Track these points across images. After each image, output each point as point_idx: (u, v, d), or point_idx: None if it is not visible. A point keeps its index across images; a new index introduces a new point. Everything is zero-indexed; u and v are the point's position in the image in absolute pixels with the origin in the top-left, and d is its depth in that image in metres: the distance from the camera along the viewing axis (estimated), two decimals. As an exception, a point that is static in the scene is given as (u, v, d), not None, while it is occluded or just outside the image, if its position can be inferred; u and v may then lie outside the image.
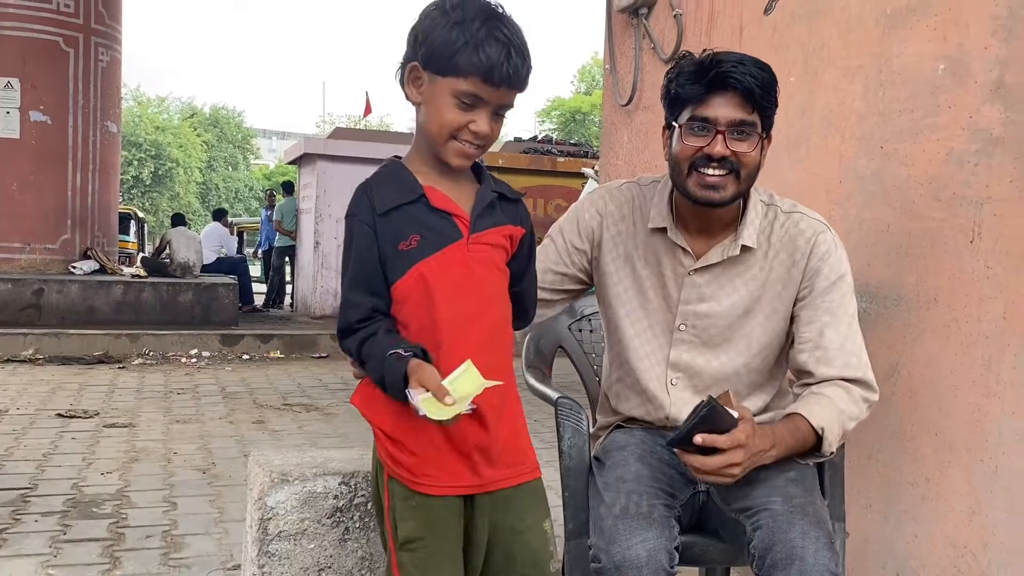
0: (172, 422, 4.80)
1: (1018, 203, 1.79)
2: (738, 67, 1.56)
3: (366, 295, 1.37)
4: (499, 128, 1.37)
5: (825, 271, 1.67)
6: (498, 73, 1.30)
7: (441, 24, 1.32)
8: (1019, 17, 1.80)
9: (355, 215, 1.38)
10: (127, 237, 16.62)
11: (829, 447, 1.57)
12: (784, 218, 1.72)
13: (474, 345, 1.35)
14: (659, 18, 3.10)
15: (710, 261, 1.70)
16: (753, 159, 1.62)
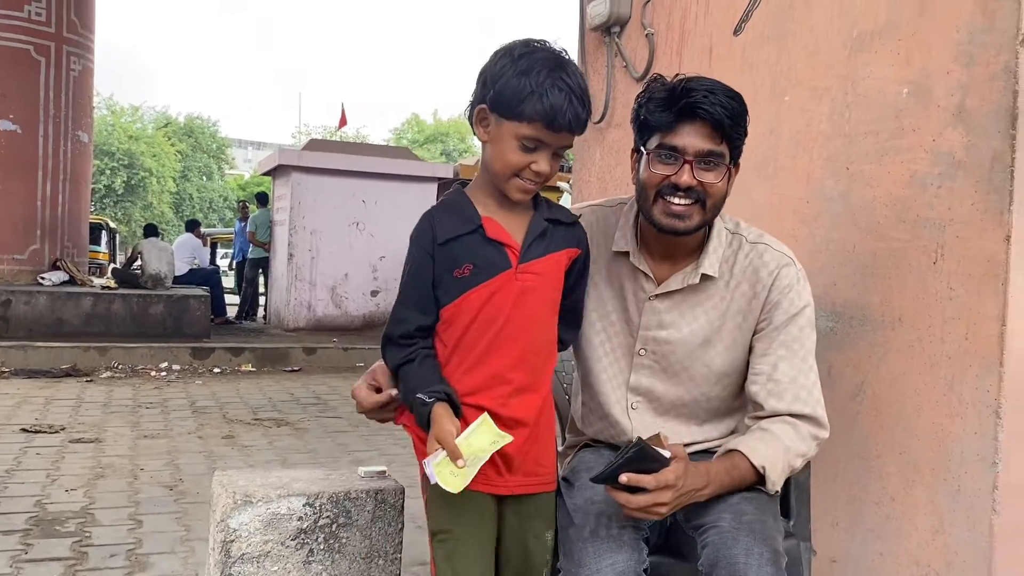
0: (140, 437, 4.74)
1: (979, 226, 1.81)
2: (708, 97, 1.55)
3: (414, 311, 1.52)
4: (558, 166, 1.51)
5: (785, 304, 1.66)
6: (560, 119, 1.42)
7: (509, 71, 1.44)
8: (980, 43, 1.83)
9: (418, 242, 1.53)
10: (98, 248, 16.43)
11: (773, 486, 1.58)
12: (749, 248, 1.71)
13: (508, 364, 1.50)
14: (631, 37, 3.12)
15: (670, 288, 1.69)
16: (720, 189, 1.62)
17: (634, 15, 3.09)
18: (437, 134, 42.24)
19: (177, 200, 40.43)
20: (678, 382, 1.71)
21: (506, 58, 1.47)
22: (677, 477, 1.44)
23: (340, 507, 1.69)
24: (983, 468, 1.80)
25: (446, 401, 1.45)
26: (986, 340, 1.80)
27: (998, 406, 1.78)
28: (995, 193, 1.79)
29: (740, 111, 1.60)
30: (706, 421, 1.74)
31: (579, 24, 3.44)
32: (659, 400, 1.73)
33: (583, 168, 3.49)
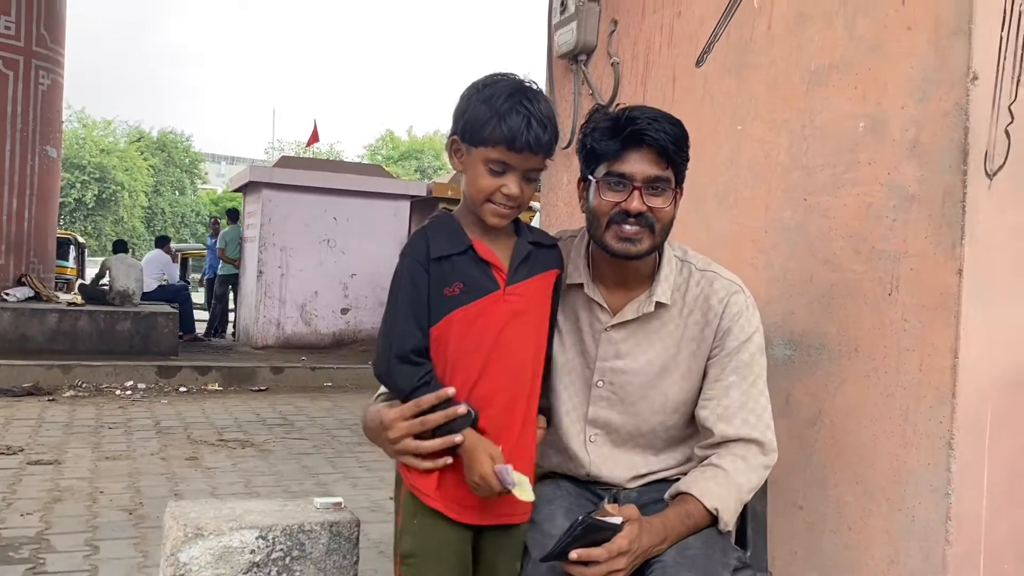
0: (101, 459, 4.66)
1: (932, 259, 1.84)
2: (652, 124, 1.59)
3: (414, 326, 1.53)
4: (531, 190, 1.56)
5: (735, 331, 1.69)
6: (520, 141, 1.47)
7: (475, 100, 1.52)
8: (932, 80, 1.86)
9: (413, 256, 1.55)
10: (66, 263, 16.22)
11: (726, 525, 1.59)
12: (699, 276, 1.73)
13: (496, 386, 1.53)
14: (597, 65, 3.15)
15: (626, 317, 1.71)
16: (668, 214, 1.65)
17: (600, 44, 3.12)
18: (412, 151, 42.24)
19: (149, 214, 40.07)
20: (635, 412, 1.72)
21: (472, 90, 1.54)
22: (631, 542, 1.45)
23: (294, 540, 1.67)
24: (936, 499, 1.82)
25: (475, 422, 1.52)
26: (939, 371, 1.82)
27: (951, 437, 1.80)
28: (947, 226, 1.82)
29: (682, 136, 1.63)
30: (662, 450, 1.75)
31: (547, 51, 3.46)
32: (617, 432, 1.73)
33: (551, 192, 3.51)
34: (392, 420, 1.52)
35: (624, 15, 2.98)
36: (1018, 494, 1.89)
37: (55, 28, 9.58)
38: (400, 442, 1.52)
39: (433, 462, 1.51)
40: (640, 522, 1.48)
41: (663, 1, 2.76)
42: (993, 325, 1.83)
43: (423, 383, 1.52)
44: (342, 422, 6.27)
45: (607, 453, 1.72)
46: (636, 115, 1.61)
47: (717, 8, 2.50)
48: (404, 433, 1.51)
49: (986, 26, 1.81)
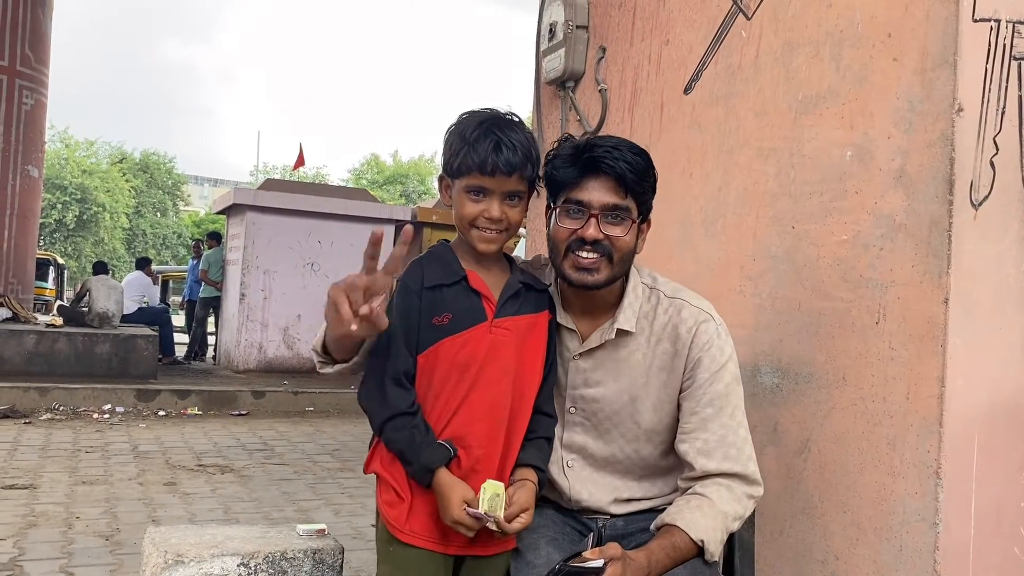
0: (77, 483, 4.57)
1: (919, 287, 1.85)
2: (611, 152, 1.60)
3: (404, 350, 1.56)
4: (515, 213, 1.59)
5: (706, 362, 1.66)
6: (490, 164, 1.53)
7: (451, 135, 1.60)
8: (918, 111, 1.88)
9: (408, 283, 1.59)
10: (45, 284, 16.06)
11: (712, 556, 1.57)
12: (667, 303, 1.71)
13: (478, 415, 1.55)
14: (585, 92, 3.17)
15: (591, 345, 1.70)
16: (626, 243, 1.63)
17: (588, 71, 3.14)
18: (397, 175, 42.26)
19: (130, 236, 39.80)
20: (609, 439, 1.71)
21: (451, 126, 1.62)
22: None
23: (276, 567, 1.64)
24: (924, 528, 1.81)
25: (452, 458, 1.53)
26: (926, 401, 1.82)
27: (938, 466, 1.80)
28: (934, 256, 1.83)
29: (644, 167, 1.63)
30: (643, 477, 1.73)
31: (535, 77, 3.48)
32: (593, 456, 1.72)
33: (537, 218, 3.51)
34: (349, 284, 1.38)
35: (612, 42, 3.00)
36: (1006, 524, 1.88)
37: (39, 48, 9.55)
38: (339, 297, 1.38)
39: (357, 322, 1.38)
40: (623, 560, 1.45)
41: (651, 29, 2.79)
42: (979, 354, 1.84)
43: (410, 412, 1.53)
44: (324, 447, 6.20)
45: (586, 476, 1.71)
46: (596, 143, 1.62)
47: (705, 37, 2.52)
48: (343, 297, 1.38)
49: (971, 58, 1.83)
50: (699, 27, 2.56)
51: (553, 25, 3.22)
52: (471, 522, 1.48)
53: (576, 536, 1.69)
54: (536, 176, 1.63)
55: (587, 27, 3.14)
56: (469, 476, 1.54)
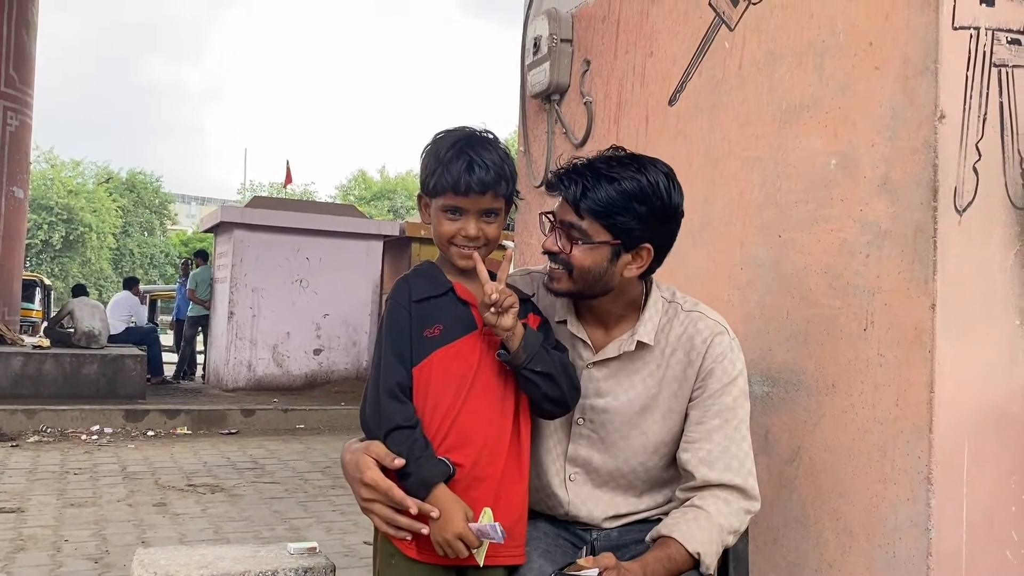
0: (66, 506, 4.53)
1: (905, 294, 1.86)
2: (567, 175, 1.64)
3: (398, 363, 1.56)
4: (492, 229, 1.62)
5: (718, 373, 1.68)
6: (464, 184, 1.55)
7: (427, 156, 1.63)
8: (901, 119, 1.89)
9: (396, 300, 1.62)
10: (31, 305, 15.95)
11: (707, 569, 1.57)
12: (684, 316, 1.74)
13: (477, 422, 1.55)
14: (570, 105, 3.17)
15: (607, 355, 1.71)
16: (581, 261, 1.64)
17: (573, 84, 3.15)
18: (384, 191, 42.27)
19: (117, 256, 39.63)
20: (616, 452, 1.70)
21: (427, 146, 1.64)
22: None
23: (267, 587, 1.62)
24: (916, 534, 1.81)
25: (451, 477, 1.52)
26: (916, 407, 1.82)
27: (929, 472, 1.80)
28: (919, 262, 1.83)
29: (608, 199, 1.61)
30: (644, 492, 1.73)
31: (520, 91, 3.49)
32: (597, 471, 1.71)
33: (524, 231, 3.51)
34: (371, 480, 1.51)
35: (597, 56, 3.01)
36: (998, 528, 1.88)
37: (24, 69, 9.52)
38: (372, 503, 1.52)
39: (397, 532, 1.51)
40: (617, 569, 1.45)
41: (635, 42, 2.80)
42: (967, 359, 1.84)
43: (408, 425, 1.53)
44: (315, 465, 6.16)
45: (587, 493, 1.70)
46: (576, 163, 1.66)
47: (689, 49, 2.54)
48: (377, 498, 1.51)
49: (952, 65, 1.84)
50: (682, 39, 2.57)
51: (538, 39, 3.23)
52: (473, 538, 1.47)
53: (569, 548, 1.69)
54: (513, 192, 1.65)
55: (571, 41, 3.15)
56: (472, 486, 1.54)
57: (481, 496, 1.53)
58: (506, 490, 1.57)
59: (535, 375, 1.57)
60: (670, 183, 1.67)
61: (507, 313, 1.53)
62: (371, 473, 1.50)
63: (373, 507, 1.51)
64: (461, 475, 1.53)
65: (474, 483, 1.54)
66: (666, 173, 1.67)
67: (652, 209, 1.63)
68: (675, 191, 1.67)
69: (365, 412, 1.58)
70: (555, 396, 1.61)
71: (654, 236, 1.66)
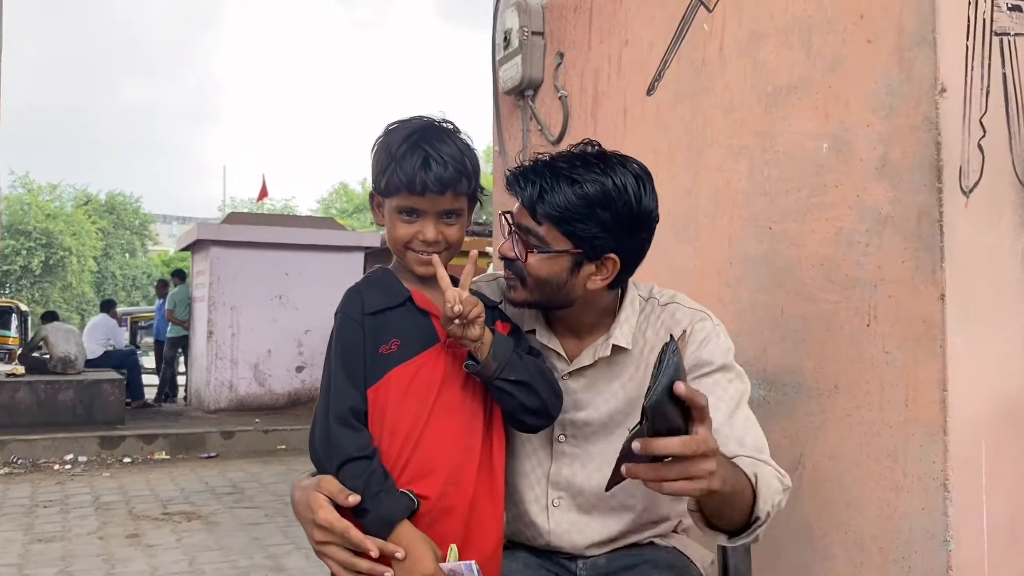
0: (32, 542, 4.33)
1: (911, 284, 1.71)
2: (522, 176, 1.48)
3: (351, 387, 1.39)
4: (453, 231, 1.45)
5: (706, 357, 1.51)
6: (419, 183, 1.38)
7: (379, 150, 1.46)
8: (898, 94, 1.75)
9: (346, 313, 1.44)
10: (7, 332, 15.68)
11: (764, 504, 1.34)
12: (660, 310, 1.58)
13: (442, 447, 1.38)
14: (544, 100, 3.03)
15: (582, 363, 1.55)
16: (536, 270, 1.47)
17: (547, 78, 3.00)
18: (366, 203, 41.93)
19: (98, 279, 39.25)
20: (601, 469, 1.54)
21: (379, 139, 1.48)
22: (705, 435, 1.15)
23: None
24: (934, 547, 1.66)
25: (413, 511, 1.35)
26: (927, 407, 1.68)
27: (945, 478, 1.65)
28: (925, 250, 1.69)
29: (567, 204, 1.43)
30: (639, 511, 1.56)
31: (492, 88, 3.34)
32: (582, 493, 1.55)
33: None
34: (325, 521, 1.33)
35: (570, 47, 2.87)
36: (1020, 535, 1.74)
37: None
38: (327, 546, 1.34)
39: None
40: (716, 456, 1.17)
41: (609, 30, 2.66)
42: (981, 353, 1.70)
43: (364, 456, 1.35)
44: (297, 486, 5.95)
45: (572, 520, 1.53)
46: (537, 160, 1.49)
47: (666, 34, 2.39)
48: (332, 541, 1.33)
49: (950, 35, 1.71)
50: (659, 24, 2.43)
51: (508, 33, 3.08)
52: None
53: (554, 583, 1.52)
54: (477, 188, 1.48)
55: (543, 33, 3.01)
56: (439, 519, 1.37)
57: (449, 530, 1.36)
58: (477, 521, 1.40)
59: (509, 384, 1.40)
60: (640, 186, 1.47)
61: (473, 324, 1.37)
62: (324, 513, 1.33)
63: (328, 551, 1.34)
64: (426, 508, 1.35)
65: (441, 516, 1.37)
66: (636, 175, 1.48)
67: (617, 215, 1.44)
68: (646, 195, 1.48)
69: (314, 443, 1.40)
70: (534, 406, 1.43)
71: (620, 245, 1.47)
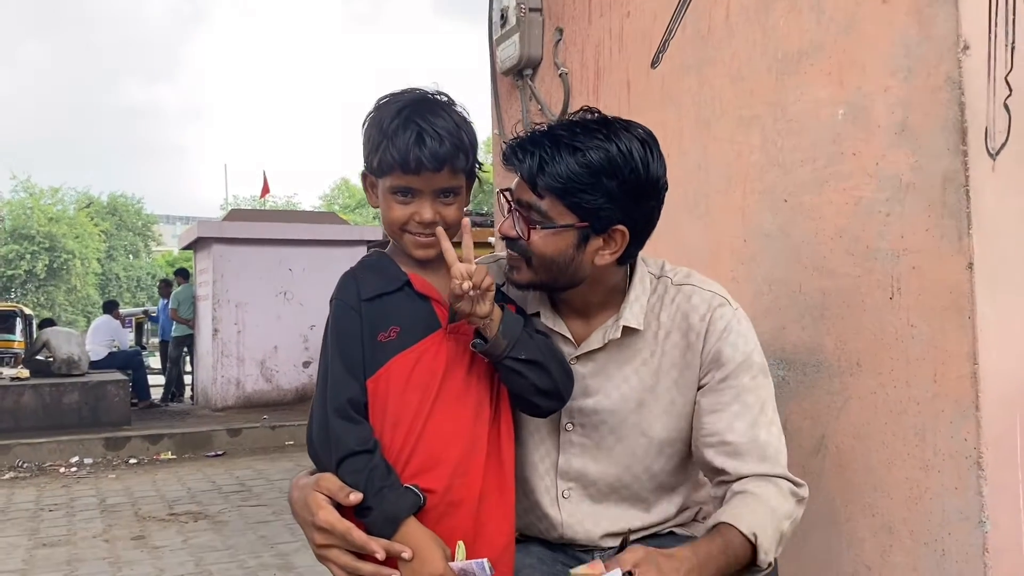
0: (37, 546, 4.27)
1: (937, 253, 1.63)
2: (520, 148, 1.39)
3: (349, 377, 1.32)
4: (451, 211, 1.37)
5: (727, 351, 1.43)
6: (414, 161, 1.31)
7: (370, 126, 1.37)
8: (916, 55, 1.66)
9: (341, 299, 1.38)
10: (12, 336, 15.63)
11: (766, 555, 1.30)
12: (675, 291, 1.49)
13: (446, 438, 1.30)
14: (544, 78, 2.95)
15: (591, 347, 1.46)
16: (540, 248, 1.38)
17: (546, 56, 2.92)
18: (368, 198, 41.83)
19: (103, 281, 39.29)
20: (613, 459, 1.46)
21: (370, 114, 1.40)
22: None
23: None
24: (968, 528, 1.58)
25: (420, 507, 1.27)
26: (957, 381, 1.60)
27: (978, 456, 1.57)
28: (950, 216, 1.61)
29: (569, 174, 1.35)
30: (654, 503, 1.48)
31: (490, 69, 3.25)
32: (594, 484, 1.47)
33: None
34: (325, 522, 1.25)
35: (569, 22, 2.78)
36: (1059, 514, 1.65)
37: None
38: (328, 550, 1.26)
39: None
40: (654, 562, 1.16)
41: (610, 2, 2.57)
42: (1012, 323, 1.62)
43: (365, 450, 1.27)
44: (305, 482, 5.89)
45: (585, 511, 1.46)
46: (535, 130, 1.40)
47: (669, 3, 2.31)
48: (333, 543, 1.26)
49: (972, -12, 1.61)
50: (662, -7, 2.34)
51: (505, 10, 2.99)
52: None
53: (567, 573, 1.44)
54: (475, 164, 1.39)
55: (541, 9, 2.93)
56: (447, 513, 1.29)
57: (458, 525, 1.28)
58: (487, 514, 1.32)
59: (520, 364, 1.32)
60: (647, 150, 1.38)
61: (483, 299, 1.28)
62: (323, 514, 1.25)
63: (330, 554, 1.26)
64: (433, 502, 1.28)
65: (449, 510, 1.29)
66: (642, 139, 1.39)
67: (624, 184, 1.35)
68: (653, 160, 1.39)
69: (312, 438, 1.32)
70: (547, 387, 1.35)
71: (628, 216, 1.38)
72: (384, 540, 1.23)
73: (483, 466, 1.32)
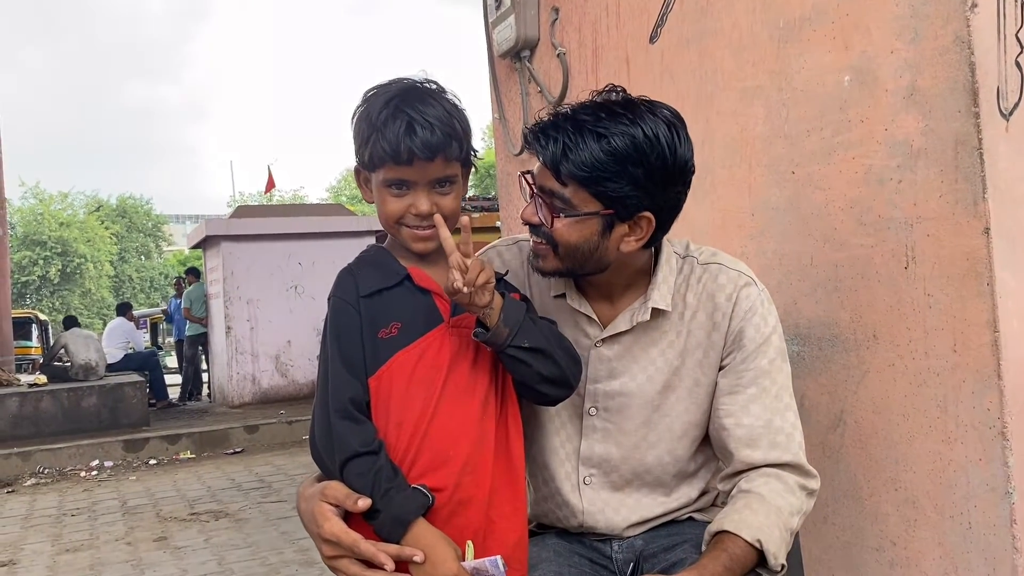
0: (60, 552, 4.29)
1: (952, 220, 1.58)
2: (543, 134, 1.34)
3: (350, 376, 1.29)
4: (448, 201, 1.34)
5: (750, 332, 1.40)
6: (405, 151, 1.27)
7: (359, 119, 1.34)
8: (923, 15, 1.61)
9: (339, 296, 1.34)
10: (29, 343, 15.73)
11: (776, 560, 1.28)
12: (701, 271, 1.45)
13: (452, 435, 1.27)
14: (542, 60, 2.89)
15: (618, 329, 1.43)
16: (564, 236, 1.35)
17: (543, 36, 2.86)
18: (373, 188, 41.74)
19: (116, 283, 39.46)
20: (637, 444, 1.43)
21: (358, 107, 1.36)
22: None
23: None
24: (995, 499, 1.54)
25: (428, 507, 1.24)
26: (978, 350, 1.55)
27: (1003, 426, 1.53)
28: (965, 180, 1.56)
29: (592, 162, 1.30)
30: (675, 487, 1.45)
31: (487, 52, 3.20)
32: (616, 470, 1.44)
33: (509, 203, 3.24)
34: (331, 534, 1.22)
35: (565, 1, 2.73)
36: (1087, 482, 1.61)
37: (-14, 102, 9.27)
38: (338, 560, 1.24)
39: None
40: None
41: (605, -22, 2.51)
42: (1033, 288, 1.56)
43: (369, 452, 1.23)
44: (324, 476, 5.90)
45: (605, 499, 1.43)
46: (558, 114, 1.35)
47: (665, -25, 2.24)
48: (342, 554, 1.23)
49: (979, -58, 1.55)
50: (657, -35, 2.28)
51: (499, -9, 2.94)
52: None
53: (587, 566, 1.42)
54: (470, 152, 1.36)
55: (535, -12, 2.86)
56: (457, 512, 1.26)
57: (468, 523, 1.25)
58: (498, 511, 1.29)
59: (524, 352, 1.28)
60: (674, 134, 1.34)
61: (482, 289, 1.25)
62: (329, 526, 1.22)
63: (340, 565, 1.23)
64: (442, 501, 1.24)
65: (458, 508, 1.26)
66: (668, 122, 1.35)
67: (651, 170, 1.31)
68: (680, 144, 1.35)
69: (315, 440, 1.29)
70: (552, 375, 1.32)
71: (654, 202, 1.34)
72: (394, 545, 1.20)
73: (492, 461, 1.29)
